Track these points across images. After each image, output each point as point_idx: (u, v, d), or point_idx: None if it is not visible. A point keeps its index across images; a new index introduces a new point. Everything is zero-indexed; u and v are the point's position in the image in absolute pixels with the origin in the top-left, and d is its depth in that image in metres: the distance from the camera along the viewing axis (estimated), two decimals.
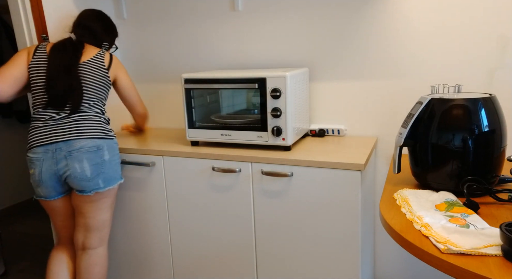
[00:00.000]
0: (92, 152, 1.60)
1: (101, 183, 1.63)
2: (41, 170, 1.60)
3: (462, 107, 1.13)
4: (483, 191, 1.13)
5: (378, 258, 1.99)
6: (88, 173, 1.60)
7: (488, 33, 1.61)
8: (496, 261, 0.82)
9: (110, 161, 1.65)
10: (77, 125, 1.62)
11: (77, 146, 1.59)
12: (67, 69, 1.64)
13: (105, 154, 1.63)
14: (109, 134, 1.68)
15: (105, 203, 1.69)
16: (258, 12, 1.96)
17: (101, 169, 1.62)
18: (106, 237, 1.75)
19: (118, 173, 1.71)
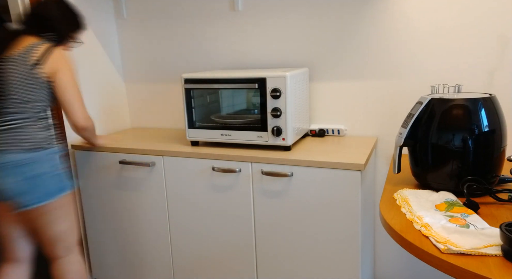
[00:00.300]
0: (24, 165, 1.44)
1: (33, 199, 1.47)
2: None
3: (462, 107, 1.13)
4: (483, 191, 1.13)
5: (378, 258, 1.99)
6: (16, 189, 1.45)
7: (488, 33, 1.61)
8: (496, 261, 0.82)
9: (46, 174, 1.48)
10: (7, 135, 1.45)
11: (7, 159, 1.43)
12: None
13: (37, 167, 1.46)
14: (43, 145, 1.49)
15: (52, 216, 1.54)
16: (258, 12, 1.96)
17: (36, 182, 1.46)
18: (71, 245, 1.64)
19: (60, 185, 1.53)
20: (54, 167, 1.52)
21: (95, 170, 1.96)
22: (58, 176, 1.53)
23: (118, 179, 1.91)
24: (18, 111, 1.46)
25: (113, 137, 2.04)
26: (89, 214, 2.06)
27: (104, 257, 2.08)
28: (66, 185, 1.56)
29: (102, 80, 2.21)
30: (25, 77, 1.45)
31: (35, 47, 1.47)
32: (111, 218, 1.99)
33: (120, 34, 2.31)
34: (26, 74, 1.45)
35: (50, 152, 1.51)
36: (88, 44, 2.12)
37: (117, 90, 2.33)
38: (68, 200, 1.58)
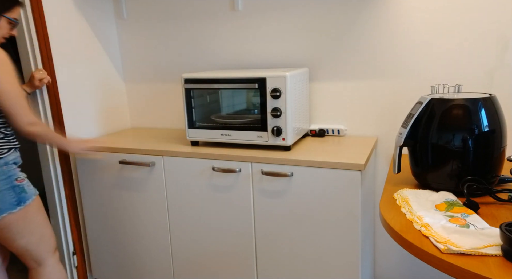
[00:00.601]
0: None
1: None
2: None
3: (462, 107, 1.13)
4: (483, 191, 1.13)
5: (378, 258, 1.99)
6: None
7: (488, 33, 1.61)
8: (496, 261, 0.82)
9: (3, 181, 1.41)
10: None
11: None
12: None
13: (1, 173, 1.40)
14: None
15: (12, 231, 1.46)
16: (258, 12, 1.96)
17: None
18: (41, 258, 1.57)
19: (7, 202, 1.42)
20: (3, 181, 1.42)
21: (95, 170, 1.96)
22: (8, 191, 1.43)
23: (118, 179, 1.91)
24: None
25: (93, 141, 1.81)
26: (89, 214, 2.06)
27: (104, 257, 2.08)
28: (21, 197, 1.46)
29: (102, 80, 2.21)
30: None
31: None
32: (111, 218, 1.99)
33: (120, 34, 2.31)
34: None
35: None
36: (88, 44, 2.12)
37: (117, 90, 2.33)
38: (28, 212, 1.49)
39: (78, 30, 2.06)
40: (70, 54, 2.02)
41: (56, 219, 2.06)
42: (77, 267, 2.13)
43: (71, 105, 2.03)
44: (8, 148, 1.46)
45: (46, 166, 2.00)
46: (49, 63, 1.91)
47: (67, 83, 2.01)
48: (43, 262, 1.59)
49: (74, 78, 2.05)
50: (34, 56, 1.88)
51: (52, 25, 1.92)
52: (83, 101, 2.10)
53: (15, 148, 1.50)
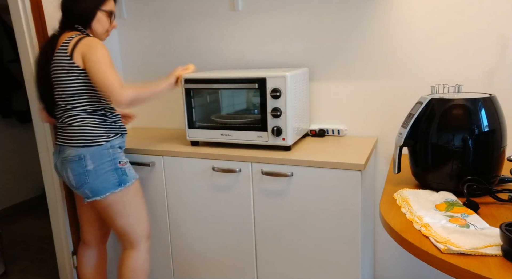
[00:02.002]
0: (74, 162, 1.52)
1: (88, 193, 1.54)
2: (54, 163, 1.63)
3: (462, 107, 1.13)
4: (483, 191, 1.13)
5: (378, 258, 1.99)
6: (73, 182, 1.55)
7: (488, 33, 1.61)
8: (496, 261, 0.82)
9: (96, 170, 1.52)
10: (65, 131, 1.55)
11: (65, 154, 1.54)
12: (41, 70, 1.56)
13: (88, 163, 1.51)
14: (95, 141, 1.52)
15: (111, 211, 1.59)
16: (258, 12, 1.96)
17: (85, 179, 1.52)
18: (135, 240, 1.66)
19: (109, 182, 1.54)
20: (107, 163, 1.53)
21: None
22: (111, 173, 1.54)
23: None
24: (73, 107, 1.52)
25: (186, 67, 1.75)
26: None
27: None
28: (121, 180, 1.56)
29: None
30: (66, 73, 1.49)
31: (67, 41, 1.50)
32: None
33: (120, 34, 2.31)
34: (66, 70, 1.49)
35: (101, 148, 1.53)
36: None
37: None
38: (127, 195, 1.59)
39: None
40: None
41: (56, 219, 2.06)
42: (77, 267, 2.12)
43: None
44: (115, 132, 1.58)
45: (46, 166, 2.00)
46: None
47: None
48: (136, 245, 1.67)
49: None
50: (34, 56, 1.88)
51: (52, 25, 1.92)
52: None
53: (121, 134, 1.62)
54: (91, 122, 1.53)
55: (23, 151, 3.52)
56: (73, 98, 1.52)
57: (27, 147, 3.55)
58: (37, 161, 3.62)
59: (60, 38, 1.54)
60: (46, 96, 1.57)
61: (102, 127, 1.55)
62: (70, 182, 1.55)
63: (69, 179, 1.55)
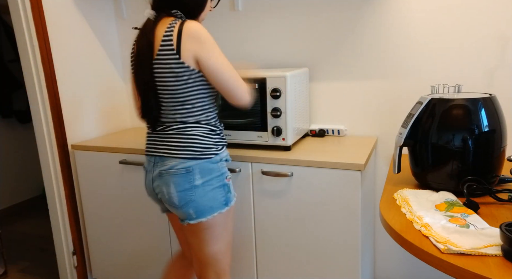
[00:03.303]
0: (180, 175, 1.29)
1: (192, 213, 1.31)
2: (145, 181, 1.42)
3: (462, 107, 1.13)
4: (483, 191, 1.13)
5: (378, 258, 1.99)
6: (175, 200, 1.31)
7: (488, 33, 1.61)
8: (496, 261, 0.82)
9: (204, 186, 1.30)
10: (170, 139, 1.33)
11: (167, 165, 1.31)
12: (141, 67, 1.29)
13: (197, 178, 1.29)
14: (205, 153, 1.31)
15: (209, 234, 1.36)
16: (258, 12, 1.96)
17: (191, 197, 1.29)
18: (223, 270, 1.43)
19: (217, 201, 1.32)
20: (216, 178, 1.33)
21: (95, 170, 1.96)
22: (219, 189, 1.34)
23: (118, 179, 1.91)
24: (181, 114, 1.31)
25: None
26: (89, 214, 2.06)
27: (104, 257, 2.08)
28: (227, 199, 1.36)
29: (102, 80, 2.21)
30: (174, 74, 1.25)
31: (169, 33, 1.24)
32: (111, 218, 1.99)
33: (120, 34, 2.31)
34: (173, 70, 1.25)
35: (211, 161, 1.32)
36: (88, 44, 2.12)
37: (117, 90, 2.33)
38: (226, 217, 1.37)
39: (78, 30, 2.06)
40: (70, 54, 2.02)
41: (56, 219, 2.06)
42: (76, 267, 2.13)
43: (71, 105, 2.03)
44: (222, 144, 1.38)
45: (46, 166, 2.00)
46: (49, 63, 1.91)
47: (67, 83, 2.01)
48: (222, 276, 1.44)
49: (74, 78, 2.05)
50: (34, 56, 1.88)
51: (52, 25, 1.92)
52: (83, 101, 2.10)
53: (226, 145, 1.44)
54: (202, 132, 1.32)
55: (23, 151, 3.52)
56: (183, 107, 1.30)
57: (27, 147, 3.55)
58: (37, 161, 3.62)
59: (158, 26, 1.27)
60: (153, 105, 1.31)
61: (212, 138, 1.34)
62: (171, 199, 1.31)
63: (170, 195, 1.31)
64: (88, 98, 2.13)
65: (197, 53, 1.23)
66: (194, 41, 1.23)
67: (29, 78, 1.91)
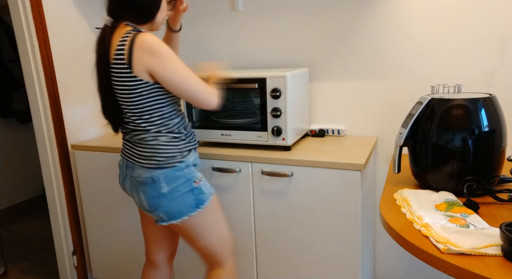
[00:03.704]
0: (147, 184, 1.32)
1: (163, 216, 1.34)
2: (119, 179, 1.46)
3: (462, 107, 1.13)
4: (483, 191, 1.13)
5: (378, 258, 1.99)
6: (146, 205, 1.35)
7: (488, 33, 1.61)
8: (496, 261, 0.82)
9: (171, 193, 1.31)
10: (135, 147, 1.35)
11: (136, 173, 1.34)
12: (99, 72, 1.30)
13: (163, 186, 1.31)
14: (169, 162, 1.31)
15: (191, 233, 1.40)
16: (258, 12, 1.96)
17: (159, 203, 1.32)
18: (220, 259, 1.47)
19: (186, 205, 1.34)
20: (183, 185, 1.33)
21: (95, 170, 1.96)
22: (187, 194, 1.34)
23: (118, 179, 1.91)
24: (138, 124, 1.31)
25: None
26: (89, 214, 2.06)
27: (104, 257, 2.08)
28: (198, 201, 1.36)
29: None
30: (125, 84, 1.25)
31: (122, 43, 1.22)
32: (111, 218, 1.99)
33: None
34: (124, 80, 1.24)
35: (178, 168, 1.33)
36: (88, 44, 2.12)
37: None
38: (206, 214, 1.39)
39: (78, 30, 2.06)
40: (70, 54, 2.02)
41: (56, 219, 2.06)
42: (76, 267, 2.13)
43: (71, 105, 2.03)
44: (188, 149, 1.37)
45: (46, 166, 2.00)
46: (49, 63, 1.91)
47: (67, 83, 2.01)
48: (221, 264, 1.48)
49: (74, 78, 2.05)
50: (34, 56, 1.88)
51: (52, 25, 1.92)
52: (83, 101, 2.10)
53: (194, 149, 1.41)
54: (164, 141, 1.32)
55: (23, 151, 3.52)
56: (142, 117, 1.30)
57: (27, 147, 3.55)
58: (37, 161, 3.62)
59: (114, 35, 1.25)
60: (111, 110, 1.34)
61: (175, 146, 1.33)
62: (142, 204, 1.37)
63: (141, 201, 1.36)
64: (88, 98, 2.13)
65: (150, 66, 1.22)
66: (146, 54, 1.21)
67: (29, 78, 1.91)
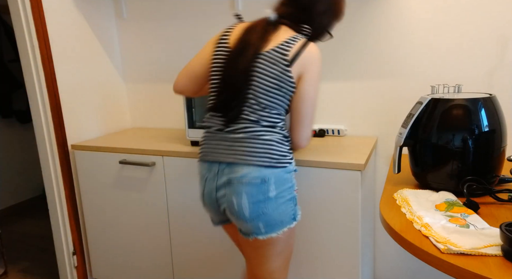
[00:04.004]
0: (254, 185, 1.17)
1: (262, 228, 1.19)
2: (203, 190, 1.28)
3: (462, 107, 1.13)
4: (483, 191, 1.13)
5: (378, 258, 1.99)
6: (246, 212, 1.18)
7: (488, 33, 1.61)
8: (496, 261, 0.81)
9: (277, 198, 1.19)
10: (243, 144, 1.20)
11: (239, 173, 1.19)
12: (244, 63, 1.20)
13: (271, 188, 1.18)
14: (281, 161, 1.20)
15: (271, 250, 1.25)
16: (258, 12, 1.96)
17: (263, 209, 1.18)
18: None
19: (287, 215, 1.21)
20: (288, 190, 1.22)
21: (95, 170, 1.96)
22: (289, 202, 1.22)
23: (118, 179, 1.91)
24: (261, 117, 1.21)
25: None
26: (89, 214, 2.06)
27: (104, 257, 2.08)
28: (295, 213, 1.24)
29: (102, 80, 2.22)
30: (274, 78, 1.19)
31: (290, 42, 1.20)
32: (111, 218, 1.99)
33: (120, 34, 2.31)
34: (276, 75, 1.19)
35: (286, 170, 1.22)
36: (88, 44, 2.12)
37: (117, 90, 2.33)
38: (291, 233, 1.28)
39: (78, 30, 2.06)
40: (70, 54, 2.02)
41: (56, 219, 2.06)
42: (76, 267, 2.13)
43: (71, 105, 2.03)
44: (291, 152, 1.28)
45: (46, 166, 2.00)
46: (49, 63, 1.91)
47: (67, 83, 2.01)
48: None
49: (74, 78, 2.05)
50: (34, 56, 1.88)
51: (52, 25, 1.92)
52: (83, 101, 2.10)
53: None
54: (277, 138, 1.22)
55: (23, 151, 3.52)
56: (266, 110, 1.21)
57: (27, 147, 3.55)
58: (37, 161, 3.62)
59: (278, 31, 1.22)
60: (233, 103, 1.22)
61: (286, 146, 1.24)
62: (241, 211, 1.19)
63: (240, 207, 1.19)
64: (88, 98, 2.13)
65: (304, 73, 1.21)
66: (309, 62, 1.21)
67: (29, 78, 1.92)
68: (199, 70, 1.34)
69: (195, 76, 1.35)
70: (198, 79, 1.36)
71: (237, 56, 1.22)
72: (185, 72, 1.36)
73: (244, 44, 1.22)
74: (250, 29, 1.25)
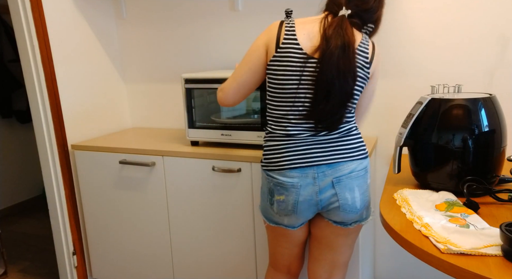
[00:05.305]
0: (361, 177, 1.24)
1: (364, 213, 1.28)
2: (297, 198, 1.23)
3: (462, 107, 1.13)
4: (483, 191, 1.13)
5: (378, 258, 1.99)
6: (358, 204, 1.24)
7: (488, 33, 1.61)
8: (496, 261, 0.82)
9: (369, 185, 1.30)
10: (339, 143, 1.24)
11: (346, 170, 1.22)
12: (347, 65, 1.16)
13: (368, 176, 1.28)
14: (366, 150, 1.29)
15: (356, 237, 1.36)
16: (258, 12, 1.96)
17: (367, 197, 1.28)
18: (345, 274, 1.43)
19: (369, 200, 1.32)
20: (370, 178, 1.31)
21: (95, 170, 1.96)
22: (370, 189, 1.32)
23: (118, 179, 1.91)
24: (349, 118, 1.25)
25: None
26: (89, 214, 2.06)
27: (104, 257, 2.08)
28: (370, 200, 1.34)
29: (102, 80, 2.22)
30: (361, 79, 1.22)
31: (364, 43, 1.22)
32: (111, 218, 1.99)
33: (120, 34, 2.31)
34: (363, 76, 1.22)
35: (369, 160, 1.30)
36: (88, 44, 2.12)
37: (117, 90, 2.33)
38: None
39: (78, 30, 2.06)
40: (70, 54, 2.02)
41: (56, 219, 2.06)
42: (76, 267, 2.13)
43: (71, 105, 2.03)
44: None
45: (46, 166, 2.00)
46: (49, 63, 1.91)
47: (67, 83, 2.01)
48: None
49: (74, 78, 2.05)
50: (34, 56, 1.88)
51: (52, 25, 1.92)
52: (83, 101, 2.10)
53: None
54: (358, 131, 1.30)
55: (23, 151, 3.52)
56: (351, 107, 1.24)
57: (27, 147, 3.55)
58: (37, 161, 3.62)
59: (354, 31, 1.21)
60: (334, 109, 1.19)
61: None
62: (354, 204, 1.24)
63: (354, 200, 1.23)
64: (88, 98, 2.13)
65: (374, 72, 1.28)
66: (379, 63, 1.29)
67: (29, 78, 1.92)
68: (252, 80, 1.28)
69: (249, 88, 1.30)
70: (251, 90, 1.31)
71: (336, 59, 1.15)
72: (237, 86, 1.29)
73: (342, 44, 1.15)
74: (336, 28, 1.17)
